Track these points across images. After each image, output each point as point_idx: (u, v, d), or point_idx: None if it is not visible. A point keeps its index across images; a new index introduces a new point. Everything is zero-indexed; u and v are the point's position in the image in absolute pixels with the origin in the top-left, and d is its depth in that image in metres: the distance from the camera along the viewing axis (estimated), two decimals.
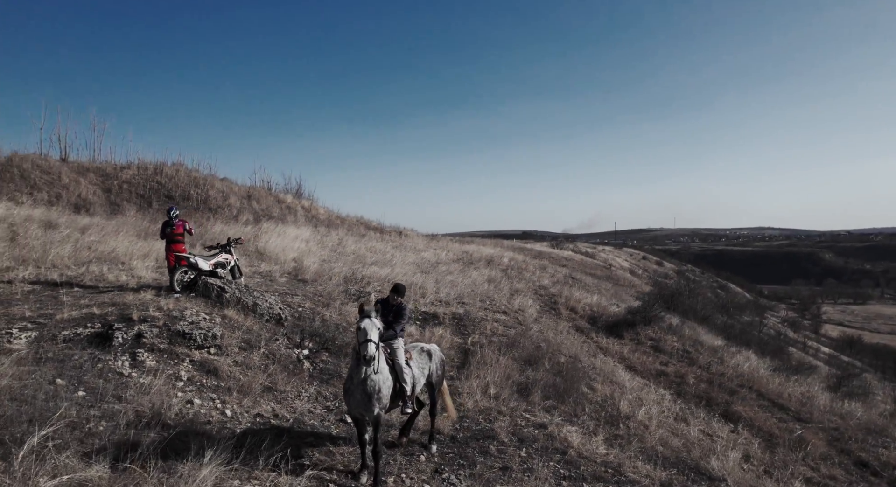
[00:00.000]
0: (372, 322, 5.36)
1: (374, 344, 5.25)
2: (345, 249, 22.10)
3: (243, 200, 28.67)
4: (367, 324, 5.31)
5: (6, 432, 4.57)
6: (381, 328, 5.49)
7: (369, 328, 5.29)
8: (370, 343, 5.22)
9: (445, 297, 13.92)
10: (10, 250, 10.96)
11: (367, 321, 5.33)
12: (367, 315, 5.37)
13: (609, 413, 8.77)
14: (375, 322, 5.39)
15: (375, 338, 5.29)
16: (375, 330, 5.33)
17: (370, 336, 5.25)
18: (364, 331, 5.27)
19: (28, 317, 7.27)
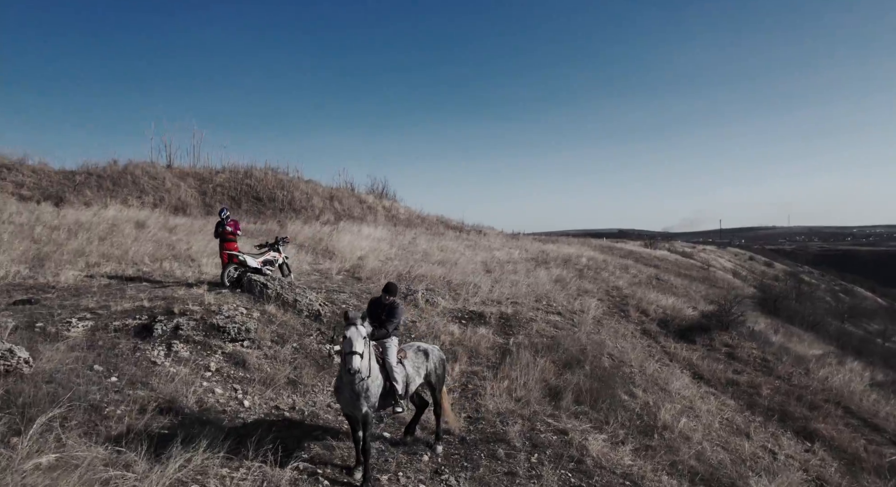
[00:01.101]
0: (357, 330, 5.24)
1: (358, 357, 5.14)
2: (415, 248, 22.42)
3: (326, 201, 29.97)
4: (353, 333, 5.22)
5: (31, 410, 5.09)
6: (368, 331, 5.44)
7: (354, 338, 5.19)
8: (354, 355, 5.13)
9: (498, 297, 13.73)
10: (100, 247, 12.24)
11: (353, 329, 5.24)
12: (352, 323, 5.28)
13: (645, 422, 8.23)
14: (361, 330, 5.29)
15: (360, 349, 5.18)
16: (361, 340, 5.22)
17: (355, 347, 5.15)
18: (349, 342, 5.18)
19: (91, 308, 8.08)
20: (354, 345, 5.19)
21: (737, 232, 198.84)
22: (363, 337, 5.28)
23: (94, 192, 21.84)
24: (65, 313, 7.74)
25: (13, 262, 10.28)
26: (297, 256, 15.63)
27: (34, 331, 7.02)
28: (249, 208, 25.91)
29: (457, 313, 12.00)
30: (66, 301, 8.44)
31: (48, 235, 12.88)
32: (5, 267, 9.84)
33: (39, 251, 11.35)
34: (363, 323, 5.36)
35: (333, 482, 5.49)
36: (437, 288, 13.59)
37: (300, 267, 14.30)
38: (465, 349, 10.07)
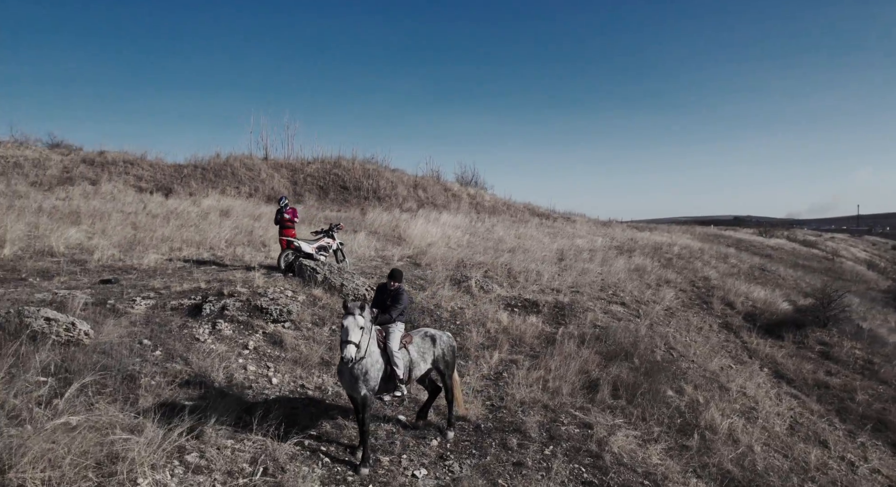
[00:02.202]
0: (354, 320, 5.35)
1: (352, 346, 5.27)
2: (490, 235, 22.37)
3: (410, 189, 30.64)
4: (349, 323, 5.34)
5: (77, 376, 5.78)
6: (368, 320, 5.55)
7: (350, 327, 5.32)
8: (349, 344, 5.26)
9: (558, 285, 13.37)
10: (184, 233, 13.49)
11: (350, 319, 5.36)
12: (350, 312, 5.41)
13: (686, 420, 7.69)
14: (359, 319, 5.39)
15: (355, 339, 5.30)
16: (356, 330, 5.34)
17: (350, 337, 5.29)
18: (345, 331, 5.32)
19: (156, 288, 8.96)
20: (350, 335, 5.33)
21: (879, 218, 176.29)
22: (359, 326, 5.40)
23: (199, 183, 23.97)
24: (133, 292, 8.64)
25: (111, 246, 11.62)
26: (367, 242, 16.20)
27: (104, 308, 7.91)
28: (336, 196, 27.16)
29: (510, 301, 11.85)
30: (140, 281, 9.42)
31: (147, 222, 14.39)
32: (102, 250, 11.15)
33: (135, 236, 12.72)
34: (361, 312, 5.47)
35: (334, 459, 5.71)
36: (496, 275, 13.51)
37: (365, 253, 14.82)
38: (508, 337, 9.95)
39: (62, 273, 9.57)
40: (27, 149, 22.92)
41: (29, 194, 17.49)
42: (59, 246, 10.99)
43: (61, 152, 23.66)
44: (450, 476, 5.78)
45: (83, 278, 9.43)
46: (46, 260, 10.29)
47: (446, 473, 5.84)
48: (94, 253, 10.92)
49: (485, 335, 9.89)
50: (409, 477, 5.67)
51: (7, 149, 22.57)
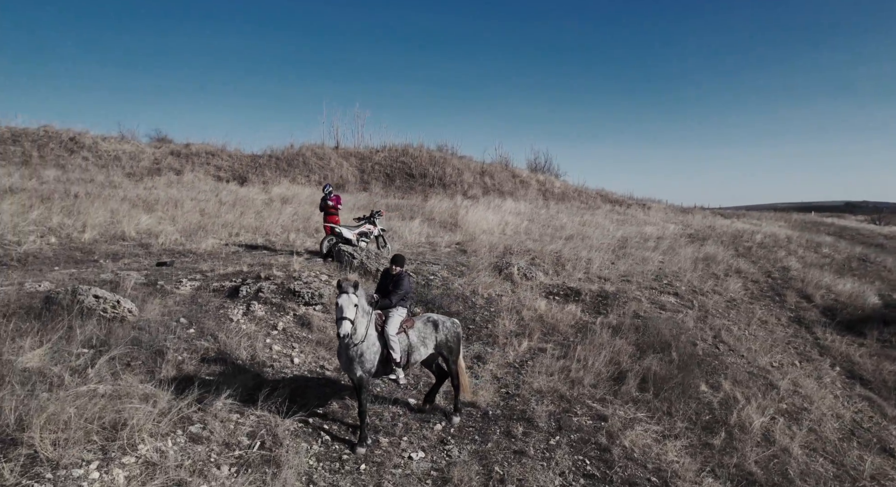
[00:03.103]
0: (348, 298, 5.48)
1: (348, 322, 5.39)
2: (552, 222, 21.93)
3: (476, 176, 30.59)
4: (343, 301, 5.47)
5: (112, 349, 6.36)
6: (363, 299, 5.67)
7: (345, 305, 5.44)
8: (344, 321, 5.38)
9: (607, 274, 12.92)
10: (244, 220, 14.32)
11: (344, 297, 5.49)
12: (343, 291, 5.54)
13: (715, 417, 7.24)
14: (353, 297, 5.51)
15: (350, 316, 5.42)
16: (351, 307, 5.45)
17: (345, 313, 5.41)
18: (340, 309, 5.44)
19: (203, 271, 9.61)
20: (345, 311, 5.47)
21: None
22: (354, 304, 5.53)
23: (272, 172, 25.25)
24: (182, 274, 9.33)
25: (176, 231, 12.58)
26: (419, 229, 16.40)
27: (154, 288, 8.62)
28: (402, 184, 27.65)
29: (552, 288, 11.61)
30: (192, 264, 10.14)
31: (214, 209, 15.41)
32: (167, 235, 12.10)
33: (200, 222, 13.67)
34: (355, 291, 5.60)
35: (335, 437, 5.92)
36: (542, 262, 13.26)
37: (414, 240, 15.02)
38: (542, 325, 9.78)
39: (128, 255, 10.51)
40: (126, 143, 25.14)
41: (122, 184, 19.25)
42: (131, 231, 12.04)
43: (154, 145, 25.76)
44: (446, 461, 5.83)
45: (144, 260, 10.30)
46: (118, 243, 11.32)
47: (444, 457, 5.89)
48: (160, 237, 11.87)
49: (517, 322, 9.77)
50: (405, 459, 5.78)
51: (110, 143, 24.86)
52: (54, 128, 24.58)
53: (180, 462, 4.84)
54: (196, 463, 4.90)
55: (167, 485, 4.55)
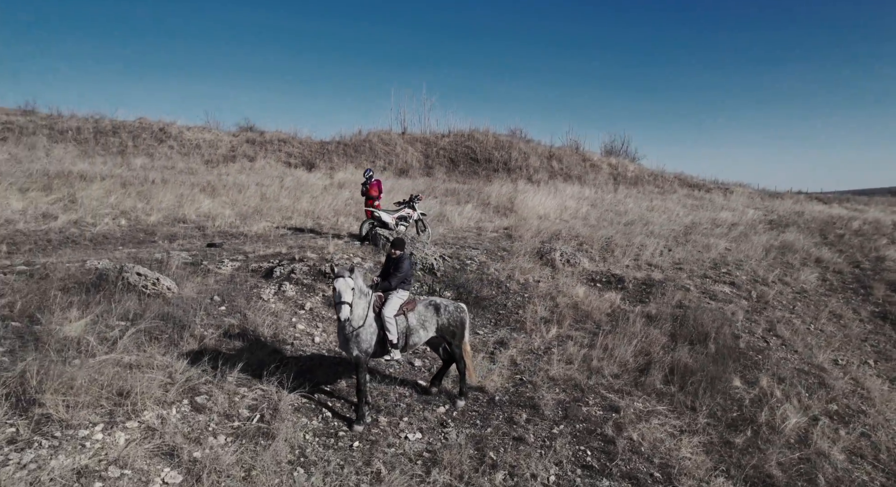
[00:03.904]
0: (345, 281, 5.59)
1: (347, 306, 5.52)
2: (617, 207, 21.12)
3: (543, 160, 29.96)
4: (340, 285, 5.58)
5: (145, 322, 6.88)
6: (356, 278, 5.74)
7: (342, 289, 5.56)
8: (343, 305, 5.52)
9: (659, 261, 12.28)
10: (298, 204, 14.90)
11: (340, 281, 5.60)
12: (339, 275, 5.65)
13: (743, 415, 6.73)
14: (349, 281, 5.61)
15: (348, 299, 5.55)
16: (349, 291, 5.57)
17: (343, 297, 5.54)
18: (338, 293, 5.57)
19: (245, 252, 10.13)
20: (342, 296, 5.59)
21: None
22: (351, 287, 5.63)
23: (339, 158, 26.02)
24: (227, 255, 9.88)
25: (233, 215, 13.33)
26: (470, 213, 16.35)
27: (198, 267, 9.20)
28: (465, 169, 27.59)
29: (594, 275, 11.21)
30: (239, 246, 10.72)
31: (275, 194, 16.15)
32: (224, 218, 12.84)
33: (258, 206, 14.40)
34: (351, 274, 5.69)
35: (336, 414, 6.09)
36: (590, 248, 12.82)
37: (463, 224, 14.99)
38: (576, 312, 9.49)
39: (184, 237, 11.27)
40: (207, 132, 26.84)
41: (198, 170, 20.61)
42: (191, 215, 12.89)
43: (232, 134, 27.31)
44: (441, 443, 5.83)
45: (197, 242, 11.00)
46: (178, 226, 12.16)
47: (440, 439, 5.90)
48: (217, 220, 12.62)
49: (550, 309, 9.54)
50: (400, 439, 5.84)
51: (193, 133, 26.66)
52: (148, 120, 26.69)
53: (179, 429, 5.17)
54: (194, 431, 5.22)
55: (161, 449, 4.88)
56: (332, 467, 5.24)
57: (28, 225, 10.91)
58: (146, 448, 4.84)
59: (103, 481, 4.43)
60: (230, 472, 4.84)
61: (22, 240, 10.06)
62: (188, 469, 4.76)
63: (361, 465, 5.36)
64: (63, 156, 20.35)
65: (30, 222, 11.05)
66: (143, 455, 4.78)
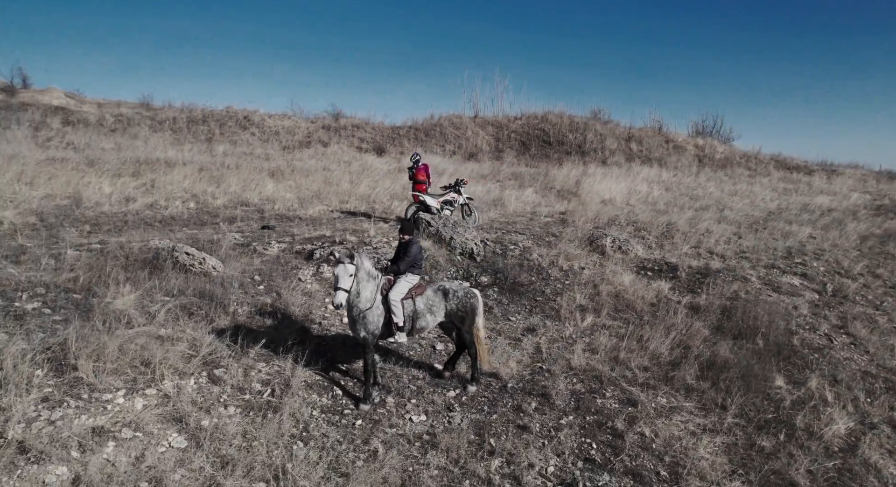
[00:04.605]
0: (344, 268, 5.72)
1: (342, 292, 5.69)
2: (693, 192, 19.92)
3: (621, 142, 28.75)
4: (339, 271, 5.73)
5: (185, 298, 7.41)
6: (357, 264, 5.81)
7: (341, 275, 5.71)
8: (339, 291, 5.69)
9: (723, 250, 11.47)
10: (356, 189, 15.30)
11: (340, 267, 5.74)
12: (339, 261, 5.79)
13: (779, 416, 6.20)
14: (349, 267, 5.73)
15: (345, 286, 5.70)
16: (346, 277, 5.71)
17: (340, 284, 5.70)
18: (336, 279, 5.75)
19: (294, 234, 10.56)
20: (339, 282, 5.75)
21: None
22: (349, 274, 5.75)
23: (410, 143, 26.38)
24: (275, 237, 10.36)
25: (293, 198, 13.95)
26: (529, 198, 16.05)
27: (247, 248, 9.74)
28: (537, 152, 27.04)
29: (646, 263, 10.67)
30: (290, 228, 11.21)
31: (338, 178, 16.69)
32: (284, 202, 13.47)
33: (318, 190, 14.95)
34: (351, 261, 5.80)
35: (346, 392, 6.27)
36: (648, 235, 12.19)
37: (518, 209, 14.74)
38: (617, 301, 9.11)
39: (243, 219, 11.96)
40: (287, 119, 28.17)
41: (273, 156, 21.72)
42: (254, 198, 13.63)
43: (310, 121, 28.47)
44: (444, 426, 5.85)
45: (254, 224, 11.63)
46: (240, 208, 12.91)
47: (444, 422, 5.92)
48: (276, 203, 13.26)
49: (591, 297, 9.21)
50: (404, 420, 5.93)
51: (274, 120, 28.08)
52: (234, 109, 28.42)
53: (193, 398, 5.55)
54: (206, 401, 5.59)
55: (173, 415, 5.27)
56: (330, 442, 5.41)
57: (112, 207, 12.04)
58: (159, 414, 5.25)
59: (116, 441, 4.86)
60: (232, 441, 5.14)
61: (104, 221, 11.13)
62: (193, 435, 5.12)
63: (360, 443, 5.50)
64: (157, 144, 22.18)
65: (114, 205, 12.19)
66: (155, 419, 5.19)
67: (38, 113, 25.32)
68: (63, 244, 8.93)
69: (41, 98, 28.71)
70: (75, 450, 4.67)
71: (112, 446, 4.80)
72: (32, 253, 8.43)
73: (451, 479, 5.16)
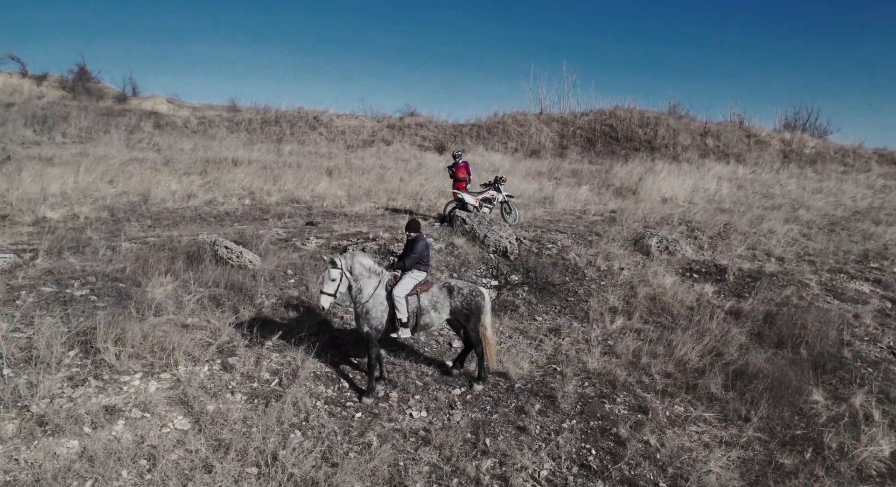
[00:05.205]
0: (328, 272, 5.91)
1: (326, 296, 5.90)
2: (769, 190, 18.56)
3: (696, 137, 27.33)
4: (325, 275, 5.97)
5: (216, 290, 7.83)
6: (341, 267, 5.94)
7: (325, 280, 5.95)
8: (322, 295, 5.93)
9: (782, 251, 10.66)
10: (405, 185, 15.49)
11: (331, 270, 5.94)
12: (331, 263, 5.95)
13: (806, 433, 5.65)
14: (332, 272, 5.90)
15: (329, 290, 5.90)
16: (329, 282, 5.90)
17: (324, 288, 5.93)
18: (322, 282, 6.00)
19: (332, 230, 10.85)
20: (323, 286, 5.96)
21: None
22: (331, 278, 5.92)
23: (472, 141, 26.37)
24: (315, 232, 10.71)
25: (343, 196, 14.36)
26: (584, 195, 15.59)
27: (287, 243, 10.13)
28: (603, 148, 26.21)
29: (692, 264, 10.07)
30: (332, 225, 11.54)
31: (391, 175, 17.00)
32: (332, 199, 13.89)
33: (369, 187, 15.29)
34: (334, 266, 5.94)
35: (352, 385, 6.38)
36: (701, 235, 11.50)
37: (568, 206, 14.36)
38: (653, 304, 8.68)
39: (291, 215, 12.45)
40: (353, 119, 29.01)
41: (335, 154, 22.44)
42: (306, 195, 14.15)
43: (376, 120, 29.14)
44: (443, 423, 5.81)
45: (300, 220, 12.08)
46: (291, 205, 13.45)
47: (443, 419, 5.88)
48: (326, 200, 13.69)
49: (625, 298, 8.81)
50: (404, 415, 5.95)
51: (342, 120, 29.00)
52: (305, 110, 29.64)
53: (203, 384, 5.86)
54: (216, 387, 5.88)
55: (181, 399, 5.59)
56: (326, 433, 5.52)
57: (175, 203, 12.94)
58: (168, 397, 5.58)
59: (126, 419, 5.22)
60: (233, 426, 5.38)
61: (165, 216, 11.98)
62: (197, 419, 5.39)
63: (356, 435, 5.57)
64: (231, 144, 23.57)
65: (177, 201, 13.09)
66: (164, 402, 5.52)
67: (134, 117, 27.64)
68: (122, 237, 9.70)
69: (147, 104, 31.31)
70: (88, 426, 5.06)
71: (121, 424, 5.17)
72: (94, 246, 9.22)
73: (440, 476, 5.11)
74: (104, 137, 23.55)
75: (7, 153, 17.95)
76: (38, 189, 12.86)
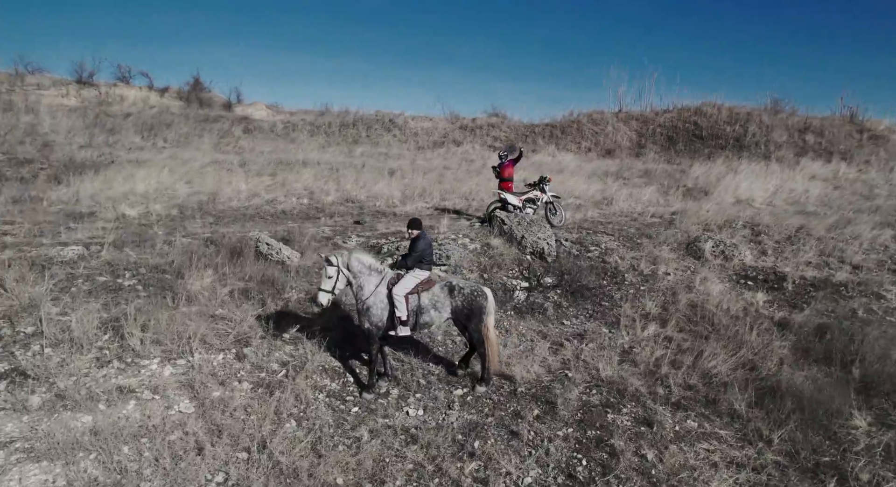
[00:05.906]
0: (325, 270, 6.06)
1: (323, 293, 6.06)
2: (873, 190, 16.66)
3: (793, 133, 25.14)
4: (323, 272, 6.12)
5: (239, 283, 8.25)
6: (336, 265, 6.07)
7: (322, 276, 6.12)
8: (320, 292, 6.09)
9: (860, 259, 9.54)
10: (459, 185, 15.45)
11: (327, 268, 6.07)
12: (327, 261, 6.10)
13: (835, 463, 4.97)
14: (328, 270, 6.04)
15: (327, 287, 6.05)
16: (326, 279, 6.06)
17: (322, 285, 6.09)
18: (320, 280, 6.15)
19: (375, 229, 11.05)
20: (321, 283, 6.10)
21: None
22: (328, 276, 6.07)
23: (544, 141, 25.87)
24: (358, 231, 10.97)
25: (399, 196, 14.59)
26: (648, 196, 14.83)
27: (329, 240, 10.47)
28: (684, 147, 24.80)
29: (749, 271, 9.29)
30: (378, 223, 11.78)
31: (452, 176, 17.04)
32: (386, 199, 14.16)
33: (424, 187, 15.42)
34: (330, 264, 6.08)
35: (356, 379, 6.49)
36: (769, 239, 10.56)
37: (625, 208, 13.72)
38: (692, 312, 8.09)
39: (342, 214, 12.84)
40: (427, 121, 29.39)
41: (405, 156, 22.85)
42: (361, 195, 14.52)
43: (450, 121, 29.35)
44: (436, 423, 5.77)
45: (350, 219, 12.43)
46: (345, 205, 13.86)
47: (438, 419, 5.84)
48: (378, 200, 13.99)
49: (664, 305, 8.28)
50: (401, 412, 5.97)
51: (417, 122, 29.45)
52: (382, 112, 30.42)
53: (214, 371, 6.20)
54: (225, 375, 6.19)
55: (191, 384, 5.94)
56: (320, 424, 5.65)
57: (239, 202, 13.77)
58: (180, 381, 5.95)
59: (137, 400, 5.64)
60: (233, 413, 5.64)
61: (227, 214, 12.79)
62: (201, 403, 5.72)
63: (349, 429, 5.67)
64: (309, 147, 24.71)
65: (241, 200, 13.92)
66: (175, 386, 5.89)
67: (227, 123, 29.76)
68: (179, 233, 10.48)
69: (248, 110, 33.60)
70: (103, 404, 5.51)
71: (132, 404, 5.58)
72: (153, 240, 10.03)
73: (421, 475, 5.08)
74: (196, 141, 25.54)
75: (112, 158, 19.98)
76: (127, 189, 14.19)
